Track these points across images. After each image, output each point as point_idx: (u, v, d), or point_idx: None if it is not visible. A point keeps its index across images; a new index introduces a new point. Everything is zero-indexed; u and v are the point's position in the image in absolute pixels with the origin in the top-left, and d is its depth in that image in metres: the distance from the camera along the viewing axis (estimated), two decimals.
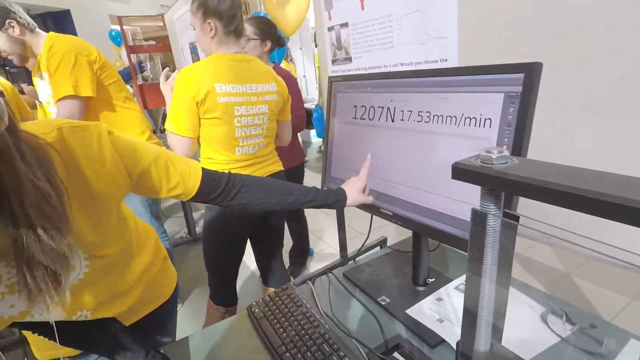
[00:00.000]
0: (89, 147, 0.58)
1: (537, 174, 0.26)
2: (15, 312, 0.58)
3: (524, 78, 0.57)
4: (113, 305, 0.75)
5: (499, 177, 0.26)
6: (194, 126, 1.25)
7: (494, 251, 0.31)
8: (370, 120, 0.88)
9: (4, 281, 0.54)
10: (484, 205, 0.30)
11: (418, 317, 0.83)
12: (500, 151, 0.29)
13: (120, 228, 0.72)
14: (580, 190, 0.22)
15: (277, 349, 0.79)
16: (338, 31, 1.46)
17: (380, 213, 0.87)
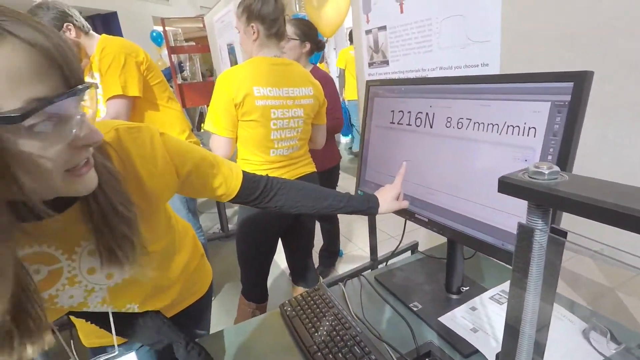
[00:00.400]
0: (142, 147, 0.61)
1: (589, 191, 0.25)
2: (74, 303, 0.62)
3: (573, 87, 0.56)
4: (157, 299, 0.79)
5: (548, 193, 0.26)
6: (232, 126, 1.29)
7: (539, 267, 0.31)
8: (407, 125, 0.88)
9: (65, 273, 0.58)
10: (530, 220, 0.30)
11: (451, 325, 0.82)
12: (550, 167, 0.29)
13: (167, 225, 0.76)
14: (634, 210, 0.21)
15: (309, 348, 0.80)
16: (376, 34, 1.46)
17: (415, 219, 0.87)
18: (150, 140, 0.63)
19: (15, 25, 0.38)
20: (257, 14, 1.30)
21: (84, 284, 0.61)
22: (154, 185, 0.64)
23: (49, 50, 0.39)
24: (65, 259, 0.57)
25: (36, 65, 0.38)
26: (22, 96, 0.37)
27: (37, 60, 0.38)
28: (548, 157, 0.59)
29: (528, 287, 0.31)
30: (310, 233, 1.71)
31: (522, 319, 0.32)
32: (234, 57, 3.27)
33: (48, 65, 0.39)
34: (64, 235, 0.56)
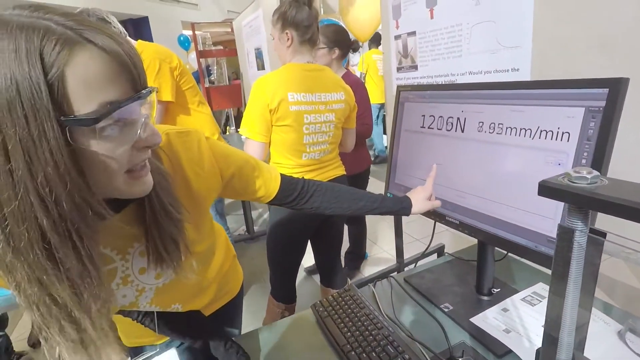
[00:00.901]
0: (190, 150, 0.65)
1: (629, 194, 0.28)
2: (126, 302, 0.67)
3: (608, 93, 0.57)
4: (198, 299, 0.83)
5: (590, 196, 0.28)
6: (266, 131, 1.33)
7: (579, 266, 0.33)
8: (438, 129, 0.90)
9: (119, 273, 0.62)
10: (570, 221, 0.32)
11: (483, 326, 0.84)
12: (590, 171, 0.31)
13: (210, 227, 0.80)
14: None
15: (343, 347, 0.82)
16: (405, 39, 1.48)
17: (446, 221, 0.89)
18: (198, 144, 0.67)
19: (92, 33, 0.41)
20: (291, 20, 1.34)
21: (135, 283, 0.65)
22: (201, 188, 0.67)
23: (122, 57, 0.42)
24: (119, 259, 0.61)
25: (110, 71, 0.41)
26: (97, 100, 0.40)
27: (111, 66, 0.41)
28: (582, 161, 0.60)
29: (568, 285, 0.33)
30: (340, 235, 1.74)
31: (563, 316, 0.34)
32: (261, 61, 3.35)
33: (120, 70, 0.42)
34: (119, 237, 0.60)
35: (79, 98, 0.39)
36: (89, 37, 0.40)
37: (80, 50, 0.39)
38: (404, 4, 1.45)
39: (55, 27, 0.39)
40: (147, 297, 0.69)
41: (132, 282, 0.65)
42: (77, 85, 0.39)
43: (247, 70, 3.98)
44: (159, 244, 0.57)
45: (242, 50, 3.98)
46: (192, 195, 0.67)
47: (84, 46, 0.39)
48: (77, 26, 0.40)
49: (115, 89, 0.42)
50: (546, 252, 0.67)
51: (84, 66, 0.39)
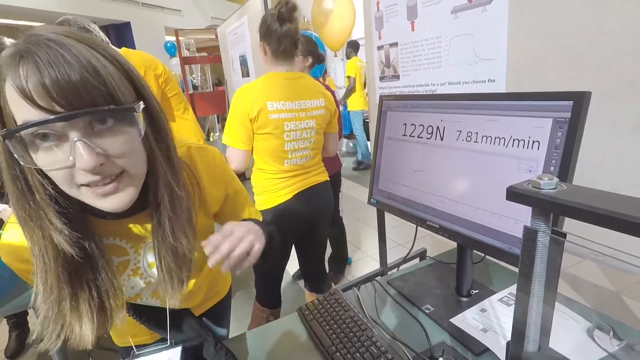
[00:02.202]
0: (207, 163, 0.71)
1: (583, 199, 0.31)
2: (132, 294, 0.70)
3: (572, 105, 0.61)
4: (191, 298, 0.86)
5: (549, 201, 0.32)
6: (247, 139, 1.36)
7: (542, 264, 0.36)
8: (419, 138, 0.94)
9: (131, 265, 0.66)
10: (534, 223, 0.35)
11: (462, 326, 0.87)
12: (551, 177, 0.34)
13: (211, 232, 0.83)
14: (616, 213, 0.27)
15: (328, 349, 0.85)
16: (387, 50, 1.53)
17: (426, 225, 0.92)
18: (213, 158, 0.73)
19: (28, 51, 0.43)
20: (263, 33, 1.38)
21: (144, 276, 0.68)
22: (212, 196, 0.73)
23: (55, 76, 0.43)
24: (133, 252, 0.65)
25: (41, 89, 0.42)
26: (21, 118, 0.44)
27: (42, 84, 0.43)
28: (550, 168, 0.65)
29: (533, 282, 0.37)
30: (324, 240, 1.76)
31: (529, 310, 0.38)
32: (246, 68, 3.37)
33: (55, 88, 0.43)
34: (134, 232, 0.64)
35: (15, 112, 0.44)
36: (22, 54, 0.43)
37: (16, 68, 0.42)
38: (386, 16, 1.50)
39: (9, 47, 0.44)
40: (150, 289, 0.72)
41: (141, 274, 0.68)
42: (11, 100, 0.43)
43: (231, 77, 3.99)
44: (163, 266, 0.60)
45: (226, 57, 3.99)
46: (205, 203, 0.72)
47: (22, 63, 0.42)
48: (24, 44, 0.43)
49: (31, 111, 0.43)
50: (519, 254, 0.71)
51: (9, 92, 0.43)
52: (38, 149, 0.45)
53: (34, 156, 0.45)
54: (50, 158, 0.45)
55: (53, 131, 0.45)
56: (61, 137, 0.45)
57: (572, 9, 0.95)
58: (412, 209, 0.97)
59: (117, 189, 0.50)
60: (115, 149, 0.48)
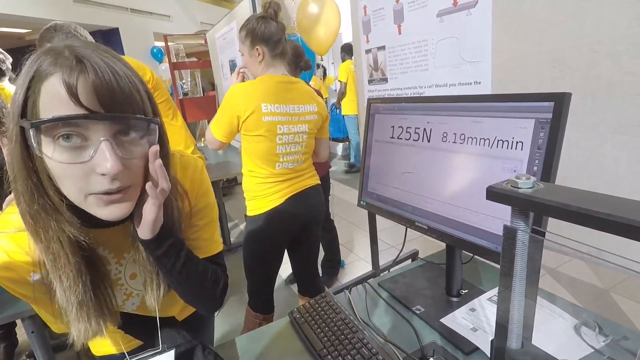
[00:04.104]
0: (193, 172, 0.73)
1: (559, 197, 0.32)
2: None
3: (553, 106, 0.63)
4: (172, 306, 0.86)
5: (525, 199, 0.33)
6: (229, 134, 1.39)
7: (523, 262, 0.37)
8: (407, 140, 0.95)
9: (112, 276, 0.66)
10: (514, 222, 0.36)
11: (452, 325, 0.88)
12: (528, 177, 0.35)
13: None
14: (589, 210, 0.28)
15: (319, 351, 0.85)
16: (375, 53, 1.54)
17: (415, 226, 0.93)
18: (195, 168, 0.74)
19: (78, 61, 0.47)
20: (260, 36, 1.38)
21: (125, 287, 0.68)
22: (197, 203, 0.74)
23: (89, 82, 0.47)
24: (115, 262, 0.65)
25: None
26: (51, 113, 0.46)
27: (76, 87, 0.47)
28: (534, 168, 0.66)
29: (514, 279, 0.38)
30: (316, 244, 1.76)
31: (511, 307, 0.39)
32: None
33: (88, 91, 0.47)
34: (118, 243, 0.64)
35: (45, 110, 0.46)
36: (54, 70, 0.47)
37: (56, 74, 0.46)
38: (373, 20, 1.52)
39: (51, 56, 0.47)
40: (133, 304, 0.72)
41: (122, 285, 0.68)
42: (46, 99, 0.46)
43: (221, 82, 3.98)
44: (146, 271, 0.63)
45: (216, 62, 3.99)
46: (192, 208, 0.74)
47: (63, 70, 0.46)
48: (69, 54, 0.47)
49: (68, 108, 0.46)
50: None
51: (54, 86, 0.46)
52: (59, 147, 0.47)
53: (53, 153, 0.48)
54: (70, 156, 0.48)
55: (80, 132, 0.47)
56: (86, 139, 0.48)
57: (554, 14, 0.97)
58: (401, 211, 0.98)
59: (121, 199, 0.52)
60: (133, 161, 0.51)
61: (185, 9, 8.11)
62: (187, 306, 0.94)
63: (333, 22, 3.18)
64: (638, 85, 0.84)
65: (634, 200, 0.30)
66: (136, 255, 0.62)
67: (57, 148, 0.47)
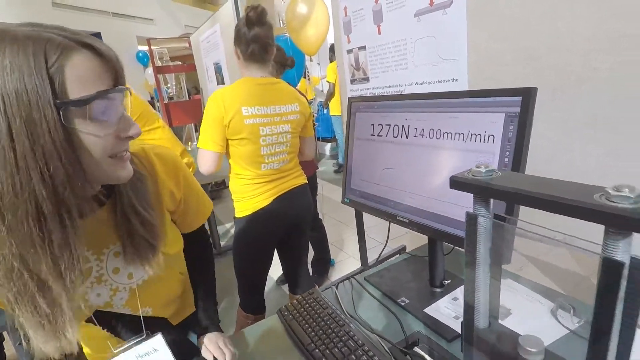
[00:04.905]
0: (165, 164, 0.75)
1: (513, 183, 0.35)
2: (101, 302, 0.70)
3: (521, 101, 0.66)
4: (167, 307, 0.87)
5: (482, 186, 0.35)
6: (220, 140, 1.37)
7: (485, 245, 0.40)
8: (386, 137, 0.98)
9: (94, 272, 0.67)
10: (475, 208, 0.39)
11: (436, 315, 0.91)
12: (487, 166, 0.38)
13: (178, 235, 0.84)
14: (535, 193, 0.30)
15: (307, 346, 0.87)
16: (356, 53, 1.57)
17: (397, 220, 0.96)
18: (170, 156, 0.77)
19: (87, 40, 0.51)
20: (235, 37, 1.41)
21: (109, 282, 0.69)
22: (167, 190, 0.76)
23: (110, 59, 0.53)
24: (94, 259, 0.66)
25: (99, 68, 0.52)
26: (87, 89, 0.50)
27: (100, 64, 0.52)
28: (505, 160, 0.69)
29: (478, 263, 0.40)
30: (305, 243, 1.78)
31: (476, 287, 0.41)
32: (221, 76, 3.36)
33: (107, 68, 0.53)
34: (95, 237, 0.66)
35: (74, 88, 0.49)
36: (85, 42, 0.51)
37: (76, 53, 0.50)
38: (353, 21, 1.55)
39: (56, 37, 0.49)
40: (121, 299, 0.72)
41: (106, 281, 0.69)
42: (73, 78, 0.49)
43: (206, 85, 3.97)
44: (130, 243, 0.65)
45: (200, 65, 3.98)
46: (175, 200, 0.77)
47: (80, 50, 0.50)
48: (72, 35, 0.51)
49: (102, 82, 0.52)
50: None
51: (80, 64, 0.50)
52: (91, 121, 0.52)
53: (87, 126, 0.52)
54: (99, 126, 0.53)
55: (109, 104, 0.53)
56: (111, 107, 0.54)
57: (527, 12, 1.00)
58: (383, 206, 1.01)
59: (129, 157, 0.60)
60: None
61: (169, 12, 8.05)
62: (182, 309, 0.95)
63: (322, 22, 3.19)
64: (604, 82, 0.88)
65: (577, 183, 0.32)
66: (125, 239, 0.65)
67: (90, 122, 0.51)
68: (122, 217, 0.64)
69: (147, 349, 0.72)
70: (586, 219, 0.28)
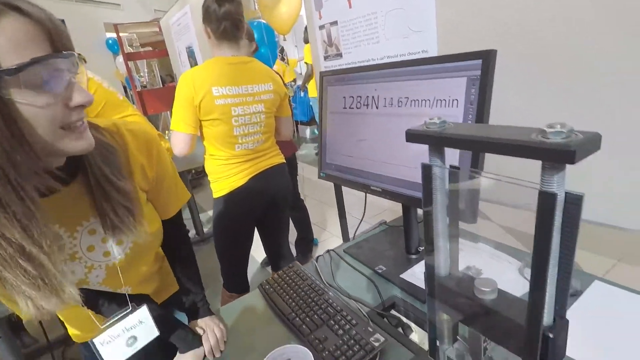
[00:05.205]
0: (137, 140, 0.73)
1: (461, 131, 0.36)
2: (74, 279, 0.69)
3: (481, 63, 0.68)
4: (146, 285, 0.87)
5: (434, 136, 0.37)
6: (193, 122, 1.35)
7: (442, 195, 0.42)
8: (358, 108, 0.99)
9: (67, 250, 0.66)
10: (431, 159, 0.40)
11: (411, 279, 0.94)
12: (440, 118, 0.39)
13: (155, 215, 0.83)
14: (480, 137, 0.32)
15: (288, 315, 0.89)
16: (328, 29, 1.56)
17: (371, 190, 0.98)
18: (143, 132, 0.74)
19: (18, 2, 0.47)
20: (205, 16, 1.38)
21: (84, 260, 0.68)
22: (153, 173, 0.76)
23: (43, 21, 0.49)
24: (67, 236, 0.65)
25: (32, 33, 0.48)
26: (20, 56, 0.46)
27: (34, 28, 0.48)
28: (468, 122, 0.71)
29: (435, 212, 0.42)
30: (285, 222, 1.80)
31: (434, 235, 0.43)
32: (194, 60, 3.29)
33: (41, 32, 0.49)
34: (66, 214, 0.64)
35: (6, 55, 0.45)
36: (13, 4, 0.47)
37: (4, 16, 0.46)
38: None
39: None
40: (98, 277, 0.72)
41: (80, 258, 0.68)
42: (3, 44, 0.45)
43: (180, 71, 3.88)
44: (110, 211, 0.63)
45: (173, 50, 3.88)
46: (147, 178, 0.75)
47: (7, 12, 0.46)
48: None
49: (38, 47, 0.48)
50: None
51: (8, 28, 0.46)
52: (31, 90, 0.48)
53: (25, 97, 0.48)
54: (37, 94, 0.48)
55: (50, 72, 0.49)
56: (50, 74, 0.49)
57: None
58: (357, 177, 1.02)
59: (86, 127, 0.56)
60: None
61: None
62: (166, 287, 0.96)
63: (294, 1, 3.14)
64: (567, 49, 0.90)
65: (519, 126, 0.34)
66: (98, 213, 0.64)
67: (28, 92, 0.47)
68: (96, 187, 0.62)
69: (133, 322, 0.73)
70: (525, 157, 0.30)
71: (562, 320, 0.36)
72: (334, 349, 0.75)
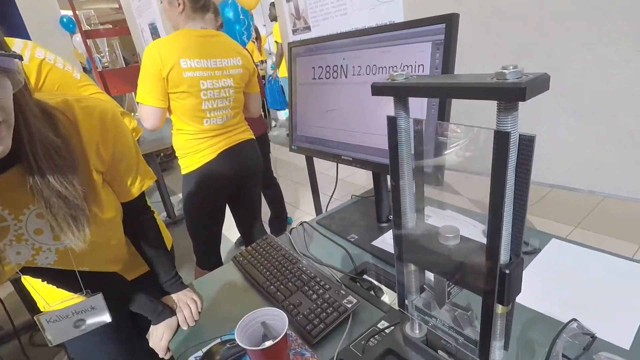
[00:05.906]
0: (90, 116, 0.67)
1: (423, 81, 0.38)
2: (21, 260, 0.67)
3: (444, 28, 0.69)
4: (109, 264, 0.86)
5: (398, 87, 0.38)
6: (163, 96, 1.31)
7: (408, 147, 0.43)
8: (327, 79, 0.99)
9: (12, 231, 0.63)
10: (396, 112, 0.42)
11: (382, 246, 0.97)
12: (404, 72, 0.40)
13: (113, 200, 0.79)
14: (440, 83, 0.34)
15: (262, 284, 0.90)
16: (296, 2, 1.53)
17: (342, 160, 0.99)
18: (108, 112, 0.69)
19: None
20: None
21: (30, 242, 0.66)
22: (109, 151, 0.71)
23: None
24: (12, 219, 0.62)
25: None
26: None
27: None
28: None
29: (401, 164, 0.44)
30: (257, 200, 1.79)
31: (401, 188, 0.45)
32: (158, 37, 3.16)
33: None
34: (10, 197, 0.61)
35: None
36: None
37: None
38: None
39: None
40: (47, 259, 0.70)
41: (26, 240, 0.66)
42: None
43: (143, 49, 3.72)
44: (50, 217, 0.59)
45: (134, 27, 3.71)
46: (102, 159, 0.70)
47: None
48: None
49: None
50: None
51: None
52: None
53: None
54: None
55: None
56: None
57: None
58: (328, 148, 1.03)
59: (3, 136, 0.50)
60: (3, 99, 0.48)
61: None
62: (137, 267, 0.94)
63: None
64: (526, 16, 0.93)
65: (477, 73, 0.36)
66: (42, 209, 0.59)
67: None
68: (35, 186, 0.57)
69: (84, 307, 0.72)
70: (482, 98, 0.31)
71: (517, 258, 0.39)
72: (308, 312, 0.77)
